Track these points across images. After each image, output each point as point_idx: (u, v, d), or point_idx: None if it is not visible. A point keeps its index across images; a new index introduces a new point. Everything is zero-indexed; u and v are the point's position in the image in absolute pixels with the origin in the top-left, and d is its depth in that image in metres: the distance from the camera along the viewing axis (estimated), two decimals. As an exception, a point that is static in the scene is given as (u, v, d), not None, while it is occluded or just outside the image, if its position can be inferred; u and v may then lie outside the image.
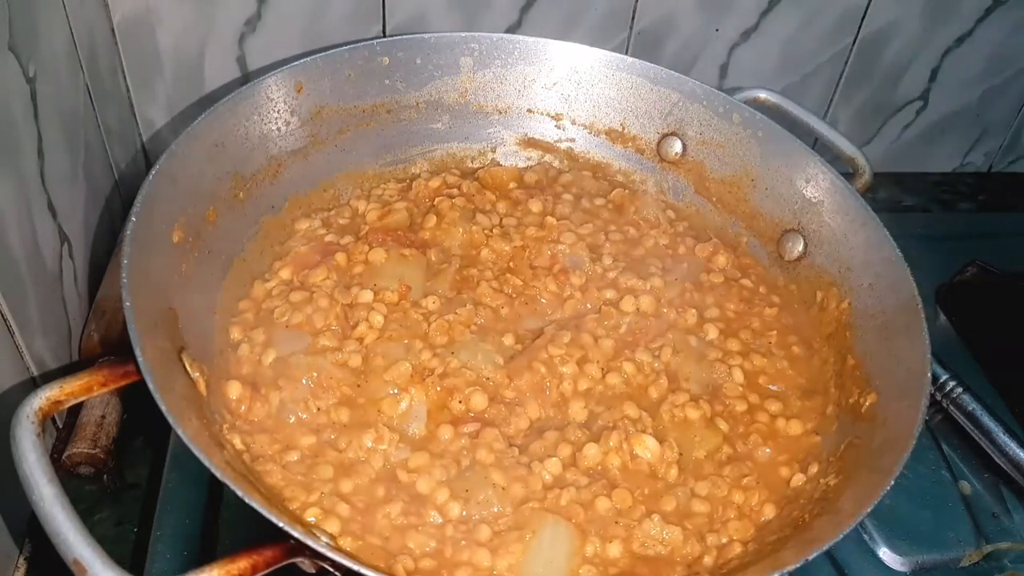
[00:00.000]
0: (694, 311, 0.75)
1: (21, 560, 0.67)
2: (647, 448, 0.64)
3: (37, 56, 0.66)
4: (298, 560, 0.49)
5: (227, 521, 0.64)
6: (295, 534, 0.46)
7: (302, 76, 0.75)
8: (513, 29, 0.92)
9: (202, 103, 0.92)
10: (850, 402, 0.66)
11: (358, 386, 0.65)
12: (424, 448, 0.63)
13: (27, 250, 0.64)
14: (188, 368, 0.57)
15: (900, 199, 0.76)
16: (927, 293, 0.67)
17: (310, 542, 0.47)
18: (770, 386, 0.71)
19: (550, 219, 0.79)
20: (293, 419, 0.63)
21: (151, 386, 0.49)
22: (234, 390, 0.62)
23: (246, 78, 0.91)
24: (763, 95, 0.84)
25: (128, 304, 0.53)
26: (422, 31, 0.91)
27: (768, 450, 0.66)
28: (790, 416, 0.68)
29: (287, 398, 0.63)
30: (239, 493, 0.46)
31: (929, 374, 0.60)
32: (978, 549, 0.70)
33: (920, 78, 1.08)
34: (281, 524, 0.46)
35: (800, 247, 0.77)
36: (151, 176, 0.61)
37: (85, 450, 0.68)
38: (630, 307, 0.73)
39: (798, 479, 0.64)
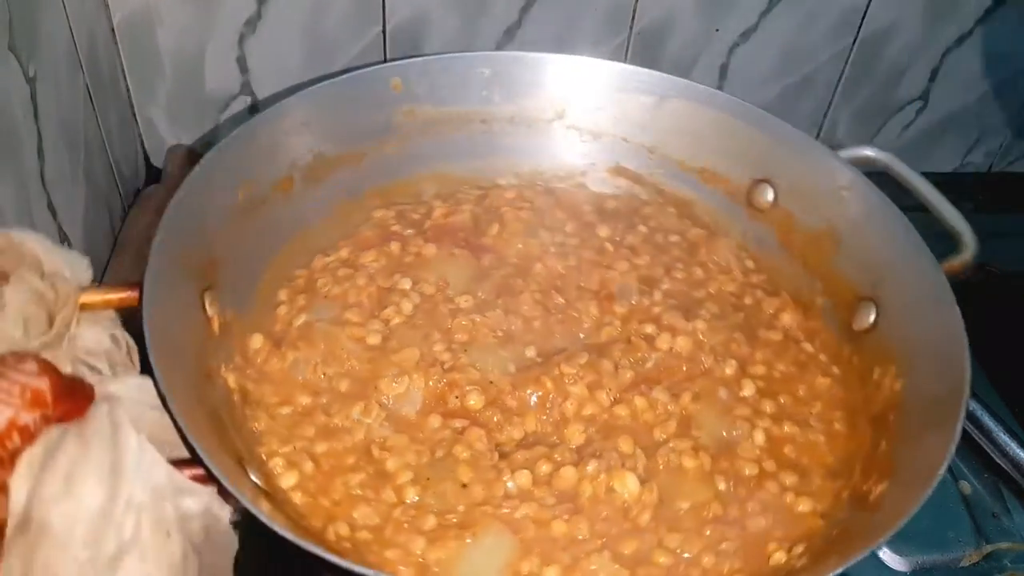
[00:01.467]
0: (735, 363, 0.70)
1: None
2: (626, 486, 0.61)
3: (37, 56, 0.67)
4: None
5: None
6: (216, 474, 0.48)
7: (400, 75, 0.80)
8: (513, 30, 0.92)
9: (202, 103, 0.95)
10: (863, 489, 0.59)
11: (370, 360, 0.68)
12: (407, 432, 0.64)
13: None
14: (207, 306, 0.63)
15: (900, 199, 0.71)
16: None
17: (227, 485, 0.49)
18: (793, 457, 0.65)
19: (608, 245, 0.78)
20: (300, 378, 0.66)
21: (145, 298, 0.54)
22: (256, 341, 0.67)
23: (247, 79, 0.94)
24: (872, 153, 0.77)
25: (160, 235, 0.59)
26: (422, 32, 0.92)
27: (763, 521, 0.60)
28: (802, 492, 0.62)
29: (301, 358, 0.67)
30: (175, 412, 0.50)
31: (941, 473, 0.52)
32: (978, 549, 0.71)
33: (920, 78, 1.06)
34: (206, 460, 0.49)
35: (872, 317, 0.70)
36: (230, 136, 0.68)
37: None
38: (664, 345, 0.70)
39: (779, 557, 0.58)
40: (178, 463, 0.49)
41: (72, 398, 0.46)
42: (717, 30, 0.98)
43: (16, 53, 0.64)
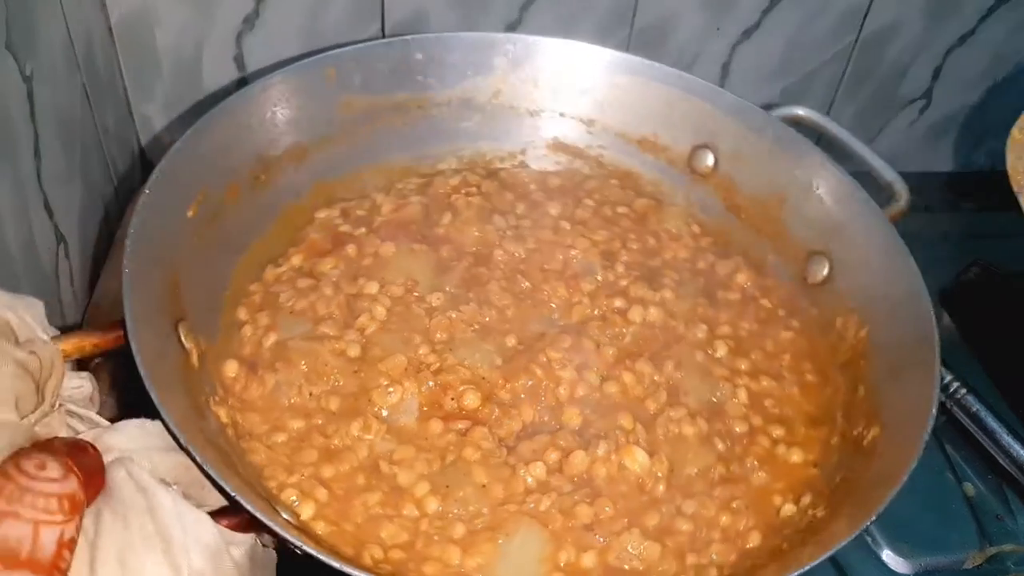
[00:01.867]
0: (704, 327, 0.73)
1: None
2: (636, 461, 0.62)
3: (34, 55, 0.67)
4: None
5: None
6: (248, 507, 0.46)
7: (334, 65, 0.76)
8: (513, 27, 0.92)
9: (201, 102, 0.92)
10: (854, 434, 0.64)
11: (354, 373, 0.65)
12: (411, 442, 0.62)
13: (23, 249, 0.65)
14: (183, 339, 0.59)
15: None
16: (930, 293, 0.66)
17: (263, 518, 0.47)
18: (776, 411, 0.69)
19: (564, 223, 0.79)
20: (287, 402, 0.63)
21: (134, 346, 0.50)
22: (231, 369, 0.63)
23: (244, 78, 0.91)
24: (802, 112, 0.82)
25: (127, 270, 0.54)
26: (421, 30, 0.91)
27: (764, 475, 0.64)
28: (792, 443, 0.66)
29: (282, 380, 0.64)
30: (197, 458, 0.46)
31: (933, 414, 0.57)
32: (981, 551, 0.70)
33: (922, 77, 1.07)
34: (233, 494, 0.46)
35: (825, 270, 0.75)
36: (172, 150, 0.63)
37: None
38: (637, 317, 0.72)
39: (789, 508, 0.62)
40: (211, 514, 0.47)
41: (91, 479, 0.42)
42: (718, 28, 0.96)
43: (13, 52, 0.63)
